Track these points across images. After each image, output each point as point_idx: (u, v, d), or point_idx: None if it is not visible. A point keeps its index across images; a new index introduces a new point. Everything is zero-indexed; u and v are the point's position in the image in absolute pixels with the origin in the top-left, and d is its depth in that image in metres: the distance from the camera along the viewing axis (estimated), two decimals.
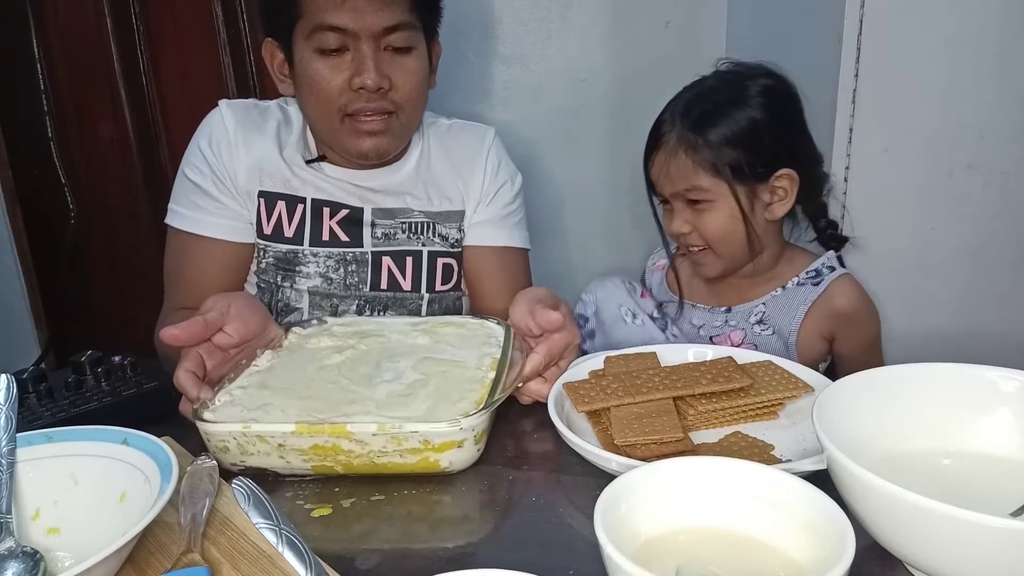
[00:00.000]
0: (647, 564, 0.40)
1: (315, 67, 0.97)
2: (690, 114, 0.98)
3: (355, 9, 0.94)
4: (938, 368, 0.60)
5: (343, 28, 0.95)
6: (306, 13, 0.96)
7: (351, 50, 0.96)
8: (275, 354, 0.80)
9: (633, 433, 0.64)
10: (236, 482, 0.51)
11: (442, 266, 1.11)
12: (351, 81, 0.96)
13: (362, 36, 0.95)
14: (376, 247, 1.07)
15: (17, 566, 0.51)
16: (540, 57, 1.70)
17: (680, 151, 0.97)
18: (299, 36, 0.98)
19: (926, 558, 0.46)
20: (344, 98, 0.98)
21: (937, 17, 1.13)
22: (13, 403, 0.59)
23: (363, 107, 0.98)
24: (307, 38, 0.97)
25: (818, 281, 1.04)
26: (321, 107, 1.00)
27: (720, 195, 0.98)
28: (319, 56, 0.97)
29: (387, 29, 0.96)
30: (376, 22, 0.95)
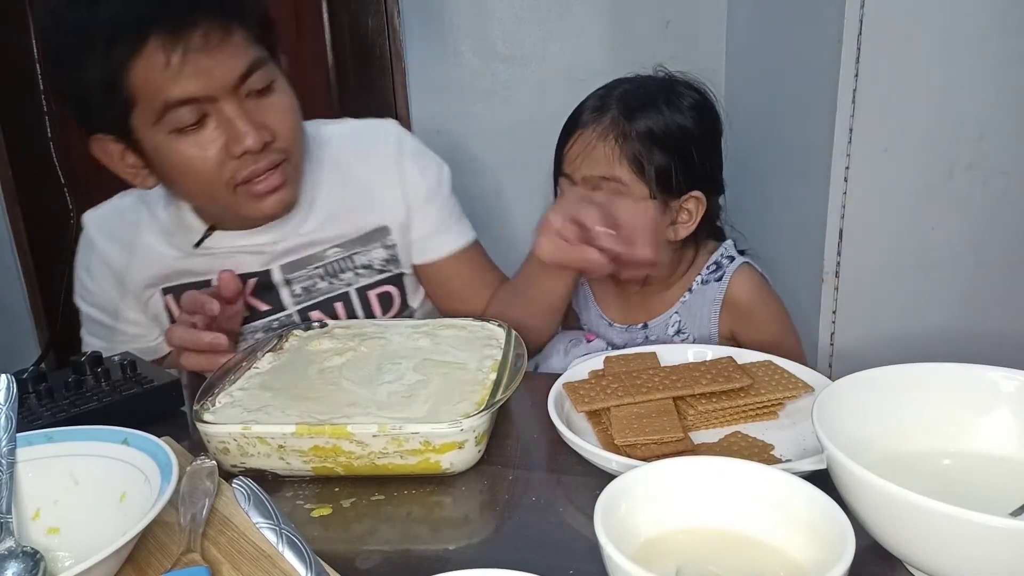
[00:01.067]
0: (647, 564, 0.40)
1: (179, 150, 0.84)
2: (627, 102, 0.94)
3: (199, 71, 0.80)
4: (938, 368, 0.60)
5: (195, 97, 0.81)
6: (142, 97, 0.81)
7: (212, 116, 0.83)
8: (276, 356, 0.80)
9: (633, 433, 0.64)
10: (236, 482, 0.51)
11: (377, 298, 1.02)
12: (229, 149, 0.84)
13: (219, 96, 0.82)
14: (300, 304, 0.99)
15: (17, 566, 0.51)
16: (540, 57, 1.70)
17: (611, 135, 0.93)
18: (142, 124, 0.83)
19: (926, 558, 0.46)
20: (227, 170, 0.85)
21: (937, 17, 1.13)
22: (13, 403, 0.59)
23: (253, 170, 0.86)
24: (156, 123, 0.82)
25: (720, 275, 1.00)
26: (204, 189, 0.88)
27: (634, 195, 0.93)
28: (178, 136, 0.83)
29: (242, 77, 0.83)
30: (230, 73, 0.82)
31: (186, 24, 0.79)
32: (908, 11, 1.13)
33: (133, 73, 0.79)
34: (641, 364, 0.77)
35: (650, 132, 0.93)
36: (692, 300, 1.02)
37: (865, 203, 1.20)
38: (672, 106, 0.96)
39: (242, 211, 0.91)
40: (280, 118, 0.88)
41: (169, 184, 0.91)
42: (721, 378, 0.70)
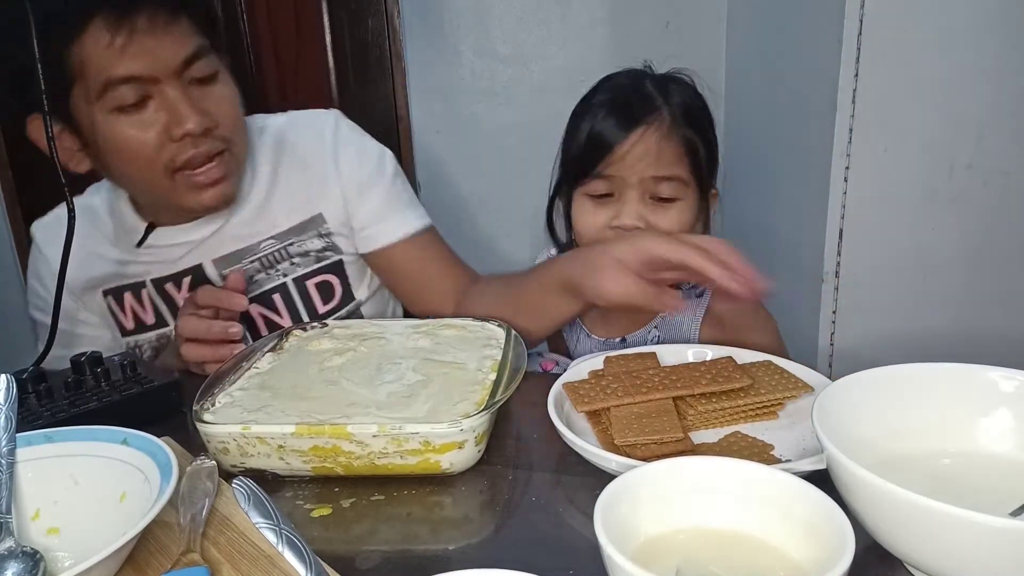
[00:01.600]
0: (647, 564, 0.40)
1: (119, 129, 0.83)
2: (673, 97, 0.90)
3: (143, 51, 0.80)
4: (938, 368, 0.60)
5: (137, 76, 0.81)
6: (84, 73, 0.81)
7: (154, 98, 0.83)
8: (276, 356, 0.80)
9: (633, 433, 0.64)
10: (236, 482, 0.51)
11: (316, 287, 1.00)
12: (170, 132, 0.83)
13: (162, 78, 0.82)
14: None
15: (17, 566, 0.51)
16: (540, 57, 1.70)
17: (675, 133, 0.88)
18: (81, 102, 0.82)
19: (926, 558, 0.46)
20: (167, 152, 0.84)
21: (937, 17, 1.13)
22: (13, 403, 0.59)
23: (193, 155, 0.85)
24: (97, 99, 0.82)
25: (701, 290, 0.96)
26: (141, 171, 0.86)
27: (689, 195, 0.90)
28: (119, 115, 0.82)
29: (186, 62, 0.83)
30: (174, 56, 0.82)
31: (132, 5, 0.79)
32: (908, 11, 1.13)
33: (76, 50, 0.79)
34: (641, 364, 0.77)
35: (693, 119, 0.90)
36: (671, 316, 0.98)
37: (865, 203, 1.20)
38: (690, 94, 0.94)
39: (181, 200, 0.89)
40: (222, 107, 0.87)
41: (106, 167, 0.89)
42: (721, 378, 0.70)
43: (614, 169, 0.89)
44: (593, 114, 0.92)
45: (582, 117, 0.94)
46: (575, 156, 0.93)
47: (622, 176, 0.89)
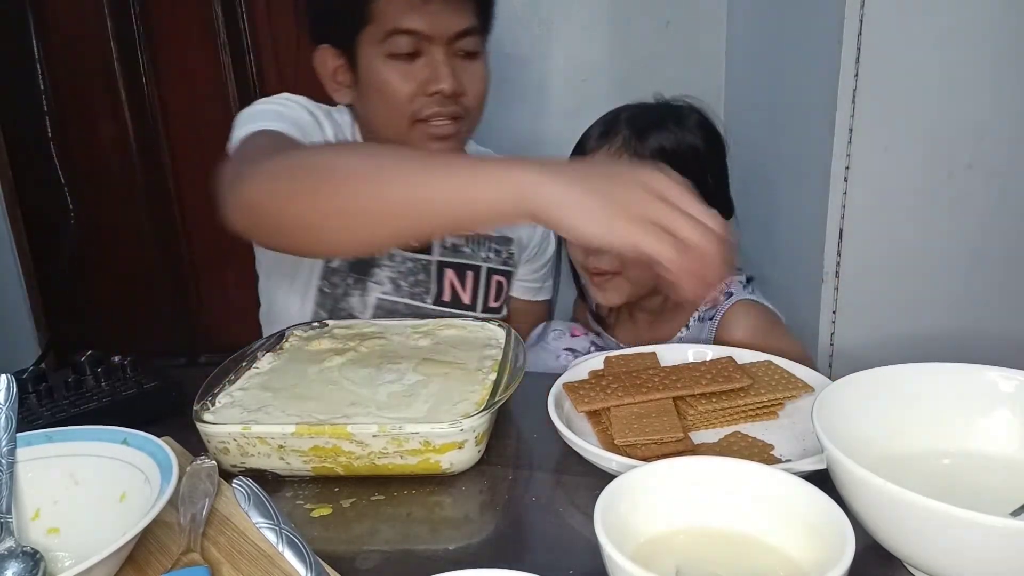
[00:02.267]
0: (647, 564, 0.40)
1: (385, 73, 0.96)
2: (636, 124, 0.96)
3: (431, 12, 0.94)
4: (938, 368, 0.60)
5: (418, 32, 0.94)
6: (377, 18, 0.95)
7: (423, 55, 0.95)
8: (276, 356, 0.80)
9: (633, 433, 0.64)
10: (236, 482, 0.51)
11: (495, 284, 1.12)
12: (425, 87, 0.95)
13: (436, 40, 0.95)
14: (443, 256, 1.08)
15: (17, 566, 0.51)
16: (540, 57, 1.70)
17: (624, 155, 0.95)
18: (366, 42, 0.96)
19: (926, 558, 0.46)
20: (416, 104, 0.96)
21: (937, 17, 1.13)
22: (13, 403, 0.59)
23: (437, 111, 0.97)
24: (378, 43, 0.95)
25: (712, 314, 0.99)
26: (391, 113, 0.98)
27: None
28: (390, 61, 0.95)
29: (460, 33, 0.96)
30: (450, 26, 0.95)
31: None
32: (908, 11, 1.12)
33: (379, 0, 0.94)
34: (641, 364, 0.77)
35: (662, 150, 0.94)
36: (688, 336, 1.01)
37: (865, 203, 1.20)
38: (680, 126, 0.97)
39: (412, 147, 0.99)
40: (474, 83, 0.99)
41: (363, 103, 1.01)
42: (721, 378, 0.70)
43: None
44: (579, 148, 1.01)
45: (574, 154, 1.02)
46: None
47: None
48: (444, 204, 0.62)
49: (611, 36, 1.68)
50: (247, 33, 1.85)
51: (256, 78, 1.87)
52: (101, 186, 1.97)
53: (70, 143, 1.95)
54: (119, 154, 1.95)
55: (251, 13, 1.83)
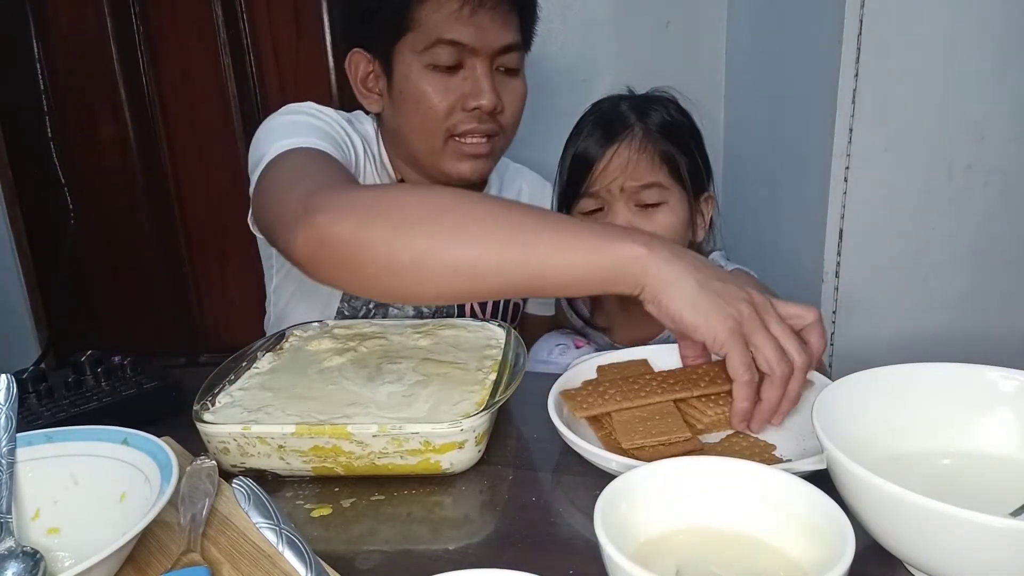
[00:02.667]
0: (647, 564, 0.40)
1: (424, 83, 0.93)
2: (646, 114, 0.96)
3: (478, 26, 0.91)
4: (938, 368, 0.60)
5: (463, 44, 0.91)
6: (419, 26, 0.92)
7: (465, 68, 0.93)
8: (276, 356, 0.80)
9: (640, 436, 0.64)
10: (236, 482, 0.51)
11: (512, 305, 1.12)
12: (465, 101, 0.93)
13: (480, 54, 0.93)
14: None
15: (17, 566, 0.51)
16: (540, 57, 1.69)
17: (648, 145, 0.94)
18: (406, 50, 0.93)
19: (926, 558, 0.46)
20: (454, 119, 0.95)
21: (937, 17, 1.13)
22: (13, 403, 0.59)
23: (473, 128, 0.95)
24: (419, 52, 0.93)
25: None
26: (426, 126, 0.96)
27: (673, 198, 0.96)
28: (430, 72, 0.93)
29: (504, 48, 0.94)
30: (496, 40, 0.93)
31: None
32: (908, 11, 1.13)
33: (423, 7, 0.91)
34: (635, 370, 0.76)
35: (670, 133, 0.96)
36: None
37: (865, 203, 1.20)
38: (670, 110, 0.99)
39: (443, 163, 0.98)
40: (513, 100, 0.98)
41: (396, 113, 0.98)
42: (720, 379, 0.70)
43: (598, 184, 0.95)
44: (577, 137, 0.99)
45: (569, 145, 1.01)
46: (565, 181, 1.00)
47: (606, 188, 0.95)
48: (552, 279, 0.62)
49: (611, 36, 1.68)
50: (247, 33, 1.85)
51: (256, 78, 1.87)
52: (101, 186, 1.97)
53: (70, 143, 1.95)
54: (119, 154, 1.95)
55: (251, 13, 1.84)
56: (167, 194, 1.99)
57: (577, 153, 0.98)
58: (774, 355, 0.60)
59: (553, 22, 1.68)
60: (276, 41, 1.84)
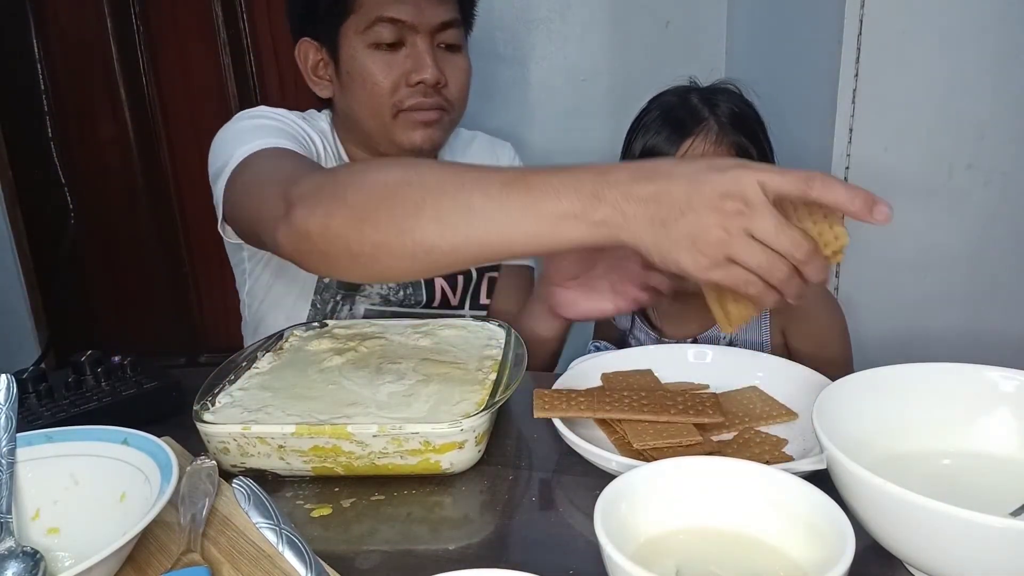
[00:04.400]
0: (647, 564, 0.40)
1: (369, 62, 0.96)
2: (716, 104, 0.95)
3: (415, 3, 0.95)
4: (938, 368, 0.60)
5: (402, 21, 0.95)
6: (360, 8, 0.96)
7: (407, 45, 0.96)
8: (276, 356, 0.80)
9: (651, 437, 0.64)
10: (236, 482, 0.51)
11: (488, 280, 1.11)
12: (408, 76, 0.96)
13: (420, 30, 0.95)
14: None
15: (17, 566, 0.51)
16: (540, 57, 1.70)
17: (723, 138, 0.93)
18: (349, 32, 0.97)
19: (926, 558, 0.46)
20: (399, 94, 0.97)
21: (937, 17, 1.13)
22: (13, 403, 0.59)
23: (419, 102, 0.98)
24: (361, 33, 0.96)
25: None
26: (373, 103, 0.98)
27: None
28: (373, 51, 0.96)
29: (443, 24, 0.97)
30: (434, 16, 0.96)
31: None
32: (908, 11, 1.13)
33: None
34: (639, 381, 0.75)
35: (741, 123, 0.94)
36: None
37: None
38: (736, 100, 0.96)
39: (396, 136, 1.00)
40: (456, 75, 1.00)
41: (345, 96, 1.01)
42: (692, 411, 0.68)
43: None
44: (645, 131, 0.97)
45: (635, 135, 0.98)
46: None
47: None
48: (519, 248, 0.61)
49: (611, 36, 1.67)
50: (247, 33, 1.85)
51: (256, 78, 1.87)
52: (101, 186, 1.97)
53: (70, 143, 1.95)
54: (119, 154, 1.95)
55: (251, 13, 1.83)
56: (167, 194, 1.99)
57: (647, 146, 0.95)
58: (763, 264, 0.56)
59: (553, 22, 1.68)
60: (276, 41, 1.84)
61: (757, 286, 0.57)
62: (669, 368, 0.78)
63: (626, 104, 1.66)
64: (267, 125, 0.93)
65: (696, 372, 0.78)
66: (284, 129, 0.94)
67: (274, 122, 0.95)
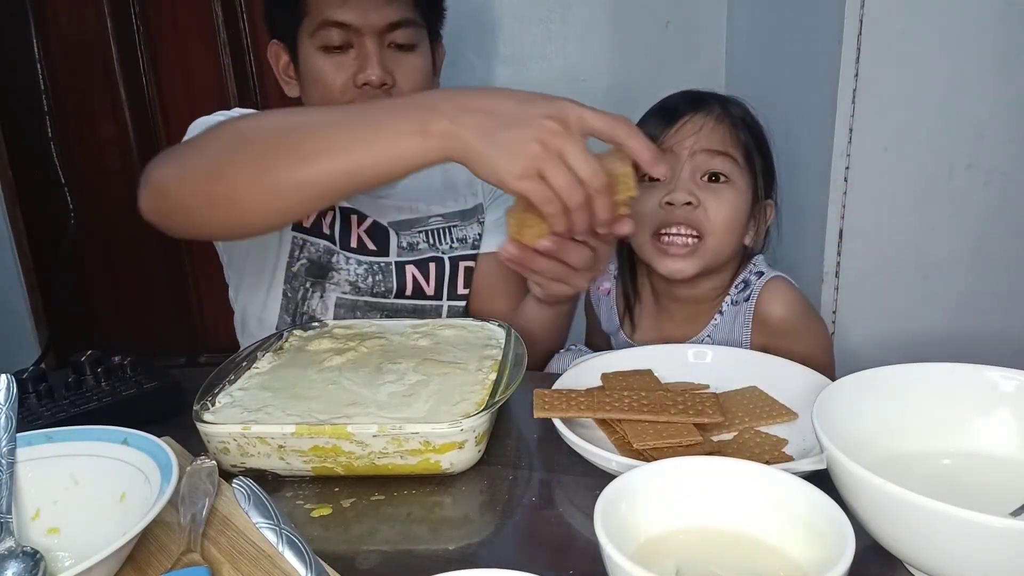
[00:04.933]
0: (647, 564, 0.40)
1: (319, 64, 0.97)
2: (728, 102, 0.95)
3: (359, 5, 0.95)
4: (938, 368, 0.60)
5: (346, 24, 0.95)
6: (310, 11, 0.96)
7: (355, 47, 0.96)
8: (276, 356, 0.80)
9: (651, 437, 0.64)
10: (236, 482, 0.51)
11: (464, 270, 1.11)
12: (355, 78, 0.96)
13: (365, 32, 0.95)
14: (400, 257, 1.07)
15: (17, 566, 0.51)
16: (540, 57, 1.70)
17: (727, 120, 0.92)
18: (304, 35, 0.98)
19: (926, 558, 0.46)
20: (348, 95, 0.97)
21: (937, 17, 1.13)
22: (13, 403, 0.59)
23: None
24: (311, 35, 0.97)
25: (748, 294, 0.95)
26: (325, 104, 0.98)
27: (740, 180, 0.91)
28: (323, 53, 0.97)
29: (391, 25, 0.96)
30: (379, 18, 0.95)
31: None
32: (908, 11, 1.13)
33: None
34: (639, 382, 0.75)
35: (749, 126, 0.94)
36: (723, 323, 0.96)
37: (865, 203, 1.20)
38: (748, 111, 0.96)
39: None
40: (407, 76, 0.99)
41: (305, 96, 1.03)
42: (692, 411, 0.68)
43: (670, 141, 0.92)
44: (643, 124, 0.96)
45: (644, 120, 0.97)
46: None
47: (674, 150, 0.91)
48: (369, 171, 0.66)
49: (611, 36, 1.68)
50: (247, 33, 1.85)
51: (256, 78, 1.88)
52: (101, 186, 1.97)
53: (70, 143, 1.95)
54: (119, 154, 1.95)
55: (251, 13, 1.84)
56: None
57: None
58: (565, 185, 0.62)
59: (553, 22, 1.68)
60: None
61: (555, 205, 0.63)
62: (669, 368, 0.78)
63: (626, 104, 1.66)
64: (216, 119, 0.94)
65: (696, 372, 0.78)
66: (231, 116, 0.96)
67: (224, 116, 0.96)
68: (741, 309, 0.95)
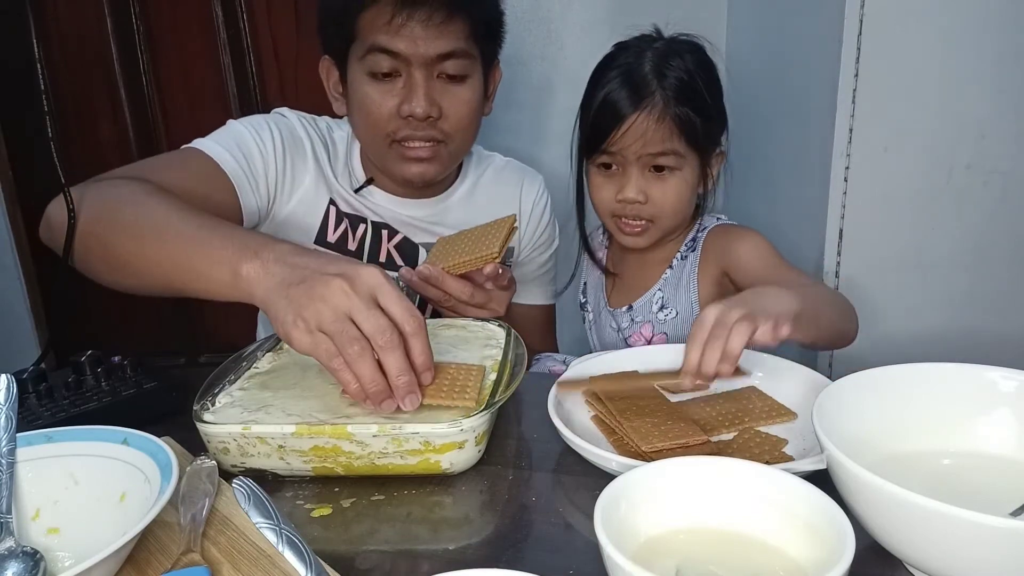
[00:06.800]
0: (647, 564, 0.40)
1: (366, 90, 0.97)
2: (664, 75, 0.97)
3: (410, 35, 0.93)
4: (938, 368, 0.60)
5: (396, 52, 0.94)
6: (361, 35, 0.96)
7: (403, 75, 0.96)
8: (276, 356, 0.80)
9: (657, 439, 0.64)
10: (236, 482, 0.51)
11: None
12: (400, 108, 0.95)
13: (414, 62, 0.94)
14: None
15: (17, 566, 0.51)
16: (540, 57, 1.70)
17: (668, 115, 0.96)
18: (353, 57, 0.98)
19: (926, 558, 0.46)
20: (392, 124, 0.97)
21: (937, 17, 1.13)
22: (13, 403, 0.59)
23: (410, 135, 0.97)
24: (360, 59, 0.96)
25: (695, 246, 1.06)
26: (370, 130, 0.99)
27: (687, 164, 0.99)
28: (370, 79, 0.96)
29: (441, 56, 0.95)
30: (430, 49, 0.94)
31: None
32: (908, 11, 1.13)
33: (363, 15, 0.95)
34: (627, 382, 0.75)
35: (688, 94, 0.97)
36: (672, 276, 1.07)
37: (865, 203, 1.20)
38: (698, 66, 0.99)
39: (390, 166, 1.02)
40: (455, 108, 0.98)
41: (350, 115, 1.04)
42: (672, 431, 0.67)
43: (616, 146, 0.98)
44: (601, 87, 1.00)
45: (595, 87, 1.01)
46: (589, 124, 1.01)
47: (623, 152, 0.98)
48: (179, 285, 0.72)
49: (611, 36, 1.67)
50: (247, 33, 1.85)
51: (256, 78, 1.87)
52: None
53: (70, 143, 1.94)
54: (119, 154, 1.95)
55: (251, 13, 1.83)
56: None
57: (599, 110, 0.99)
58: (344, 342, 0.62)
59: (553, 22, 1.68)
60: (276, 41, 1.84)
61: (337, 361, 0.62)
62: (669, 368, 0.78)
63: None
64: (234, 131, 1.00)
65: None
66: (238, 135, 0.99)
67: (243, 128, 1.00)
68: (691, 261, 1.06)
